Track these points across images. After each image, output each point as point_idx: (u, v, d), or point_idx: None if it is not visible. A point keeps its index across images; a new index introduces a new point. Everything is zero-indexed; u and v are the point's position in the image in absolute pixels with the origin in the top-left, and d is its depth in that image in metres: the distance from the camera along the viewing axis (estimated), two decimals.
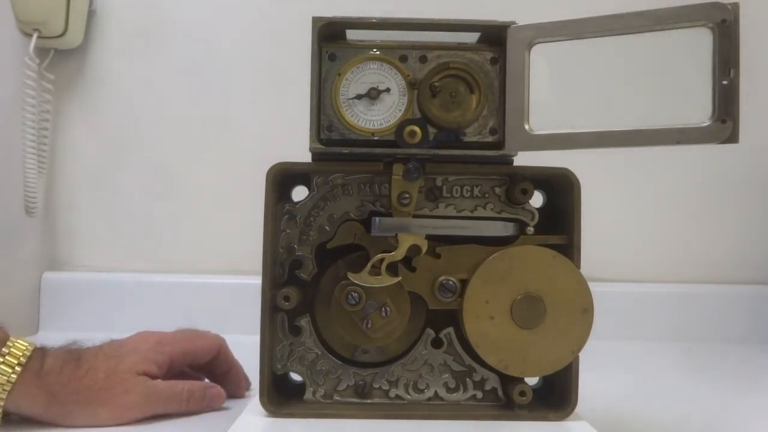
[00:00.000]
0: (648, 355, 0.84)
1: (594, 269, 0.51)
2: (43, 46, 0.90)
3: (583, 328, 0.48)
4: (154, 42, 0.96)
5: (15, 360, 0.47)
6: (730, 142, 0.43)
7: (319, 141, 0.48)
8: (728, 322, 0.92)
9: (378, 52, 0.48)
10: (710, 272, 0.95)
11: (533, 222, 0.50)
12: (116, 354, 0.52)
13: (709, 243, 0.96)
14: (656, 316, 0.92)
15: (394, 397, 0.50)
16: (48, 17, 0.86)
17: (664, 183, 0.96)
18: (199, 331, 0.59)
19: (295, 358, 0.50)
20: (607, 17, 0.44)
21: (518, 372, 0.49)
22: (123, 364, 0.51)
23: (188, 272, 0.94)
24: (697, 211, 0.96)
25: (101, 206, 0.96)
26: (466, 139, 0.48)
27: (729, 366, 0.82)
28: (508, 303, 0.48)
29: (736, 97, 0.42)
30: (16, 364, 0.47)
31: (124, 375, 0.50)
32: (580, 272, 0.49)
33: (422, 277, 0.49)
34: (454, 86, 0.48)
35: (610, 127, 0.44)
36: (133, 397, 0.50)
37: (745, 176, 0.96)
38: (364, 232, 0.49)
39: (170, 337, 0.56)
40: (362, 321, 0.49)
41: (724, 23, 0.42)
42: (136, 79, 0.96)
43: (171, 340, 0.55)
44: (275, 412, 0.48)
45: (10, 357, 0.47)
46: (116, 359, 0.51)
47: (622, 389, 0.67)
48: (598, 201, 0.61)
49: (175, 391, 0.53)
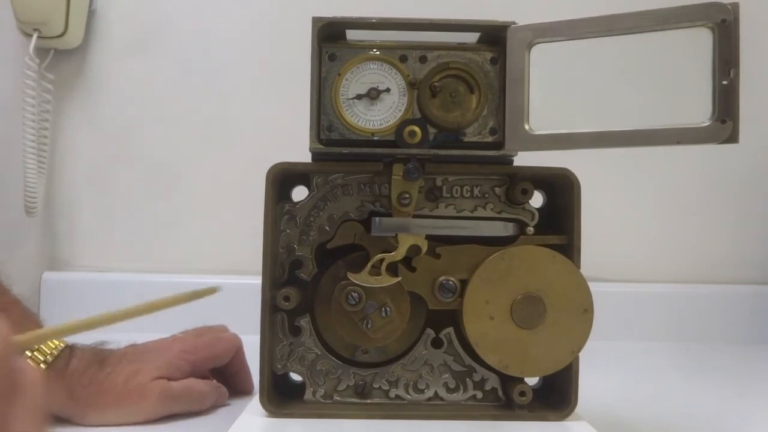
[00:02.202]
0: (648, 355, 0.84)
1: (594, 269, 0.51)
2: (43, 46, 0.90)
3: (583, 328, 0.48)
4: (154, 42, 0.96)
5: (42, 357, 0.49)
6: (730, 142, 0.43)
7: (319, 141, 0.48)
8: (728, 322, 0.92)
9: (378, 52, 0.48)
10: (710, 272, 0.95)
11: (533, 222, 0.50)
12: (139, 359, 0.52)
13: (709, 243, 0.96)
14: (656, 316, 0.92)
15: (394, 397, 0.50)
16: (48, 17, 0.86)
17: (664, 183, 0.95)
18: (218, 333, 0.59)
19: (295, 358, 0.50)
20: (607, 17, 0.44)
21: (518, 372, 0.49)
22: (144, 370, 0.51)
23: (188, 272, 0.94)
24: (697, 211, 0.96)
25: (101, 206, 0.96)
26: (466, 139, 0.48)
27: (729, 366, 0.82)
28: (508, 303, 0.48)
29: (736, 97, 0.42)
30: (42, 362, 0.48)
31: (143, 380, 0.51)
32: (580, 272, 0.49)
33: (422, 277, 0.49)
34: (454, 86, 0.48)
35: (609, 127, 0.44)
36: (149, 401, 0.51)
37: (745, 176, 0.95)
38: (364, 232, 0.49)
39: (193, 344, 0.56)
40: (362, 321, 0.49)
41: (724, 23, 0.42)
42: (136, 79, 0.96)
43: (194, 347, 0.56)
44: (275, 412, 0.48)
45: (38, 353, 0.49)
46: (138, 364, 0.52)
47: (622, 389, 0.67)
48: (598, 201, 0.61)
49: (190, 393, 0.53)
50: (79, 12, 0.91)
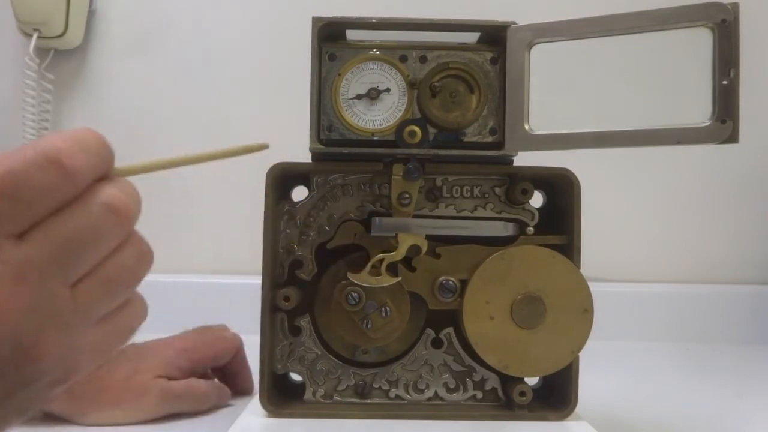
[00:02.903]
0: (648, 355, 0.84)
1: (594, 269, 0.51)
2: (43, 46, 0.90)
3: (583, 328, 0.48)
4: (154, 42, 0.96)
5: None
6: (730, 142, 0.43)
7: (319, 141, 0.48)
8: (728, 322, 0.92)
9: (378, 52, 0.48)
10: (710, 272, 0.95)
11: (533, 222, 0.50)
12: (138, 357, 0.52)
13: (709, 243, 0.96)
14: (656, 316, 0.92)
15: (394, 397, 0.50)
16: (48, 17, 0.86)
17: (664, 183, 0.95)
18: (219, 333, 0.59)
19: (295, 358, 0.50)
20: (607, 17, 0.44)
21: (518, 372, 0.49)
22: (144, 368, 0.51)
23: (188, 272, 0.94)
24: (697, 211, 0.96)
25: None
26: (466, 139, 0.48)
27: (729, 366, 0.82)
28: (508, 303, 0.48)
29: (736, 97, 0.42)
30: None
31: (143, 378, 0.51)
32: (580, 272, 0.49)
33: (422, 277, 0.49)
34: (454, 86, 0.48)
35: (609, 127, 0.44)
36: (149, 400, 0.50)
37: (745, 176, 0.95)
38: (364, 232, 0.49)
39: (193, 343, 0.56)
40: (362, 321, 0.49)
41: (724, 23, 0.42)
42: (136, 79, 0.96)
43: (194, 346, 0.55)
44: (275, 412, 0.48)
45: None
46: (138, 363, 0.52)
47: (622, 389, 0.67)
48: (598, 201, 0.61)
49: (191, 393, 0.53)
50: (79, 12, 0.91)
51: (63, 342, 0.27)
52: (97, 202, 0.27)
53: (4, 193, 0.25)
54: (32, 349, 0.26)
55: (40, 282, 0.26)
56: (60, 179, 0.26)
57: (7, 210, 0.25)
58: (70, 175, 0.26)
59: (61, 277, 0.27)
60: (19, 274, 0.25)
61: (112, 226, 0.28)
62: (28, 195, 0.25)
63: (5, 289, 0.25)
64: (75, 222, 0.27)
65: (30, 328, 0.26)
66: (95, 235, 0.27)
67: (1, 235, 0.25)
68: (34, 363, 0.26)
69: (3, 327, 0.25)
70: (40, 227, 0.26)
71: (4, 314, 0.25)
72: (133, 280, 0.30)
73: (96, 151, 0.28)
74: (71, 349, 0.28)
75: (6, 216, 0.25)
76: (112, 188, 0.28)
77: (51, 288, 0.26)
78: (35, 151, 0.26)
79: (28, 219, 0.26)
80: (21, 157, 0.26)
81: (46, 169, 0.26)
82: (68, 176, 0.26)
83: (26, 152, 0.26)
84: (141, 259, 0.30)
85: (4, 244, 0.25)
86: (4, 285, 0.25)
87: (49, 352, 0.26)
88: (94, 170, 0.27)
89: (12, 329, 0.25)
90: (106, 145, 0.28)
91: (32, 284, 0.26)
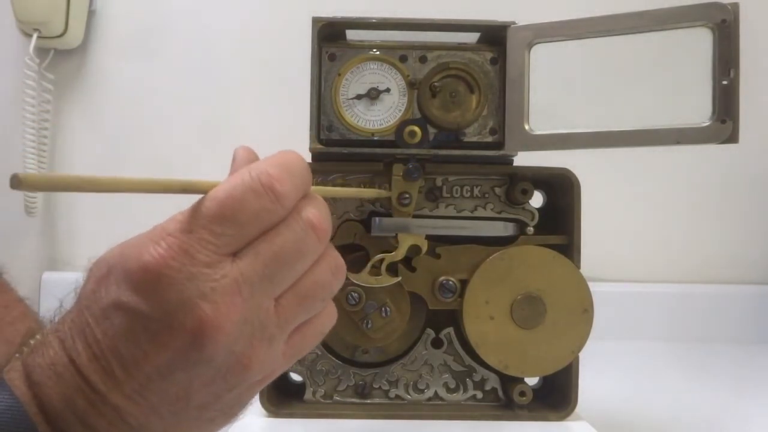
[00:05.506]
0: (648, 355, 0.84)
1: (594, 269, 0.51)
2: (43, 46, 0.90)
3: (583, 328, 0.48)
4: (154, 42, 0.96)
5: None
6: (730, 142, 0.43)
7: (319, 141, 0.48)
8: (728, 322, 0.92)
9: (378, 52, 0.48)
10: (710, 272, 0.95)
11: (533, 222, 0.50)
12: None
13: (708, 243, 0.96)
14: (656, 316, 0.92)
15: (394, 397, 0.50)
16: (48, 17, 0.86)
17: (664, 183, 0.95)
18: None
19: None
20: (607, 17, 0.44)
21: (518, 372, 0.49)
22: None
23: None
24: (697, 211, 0.96)
25: (101, 206, 0.96)
26: (466, 139, 0.48)
27: (729, 366, 0.82)
28: (508, 303, 0.48)
29: (736, 97, 0.42)
30: None
31: None
32: (580, 272, 0.49)
33: (422, 277, 0.49)
34: (454, 86, 0.48)
35: (609, 127, 0.44)
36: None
37: (745, 176, 0.95)
38: (364, 232, 0.49)
39: None
40: (362, 321, 0.49)
41: (724, 23, 0.42)
42: (136, 79, 0.95)
43: None
44: (275, 412, 0.48)
45: None
46: None
47: (622, 389, 0.67)
48: (598, 201, 0.61)
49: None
50: (79, 12, 0.91)
51: (267, 351, 0.30)
52: (300, 221, 0.30)
53: (225, 216, 0.28)
54: (243, 356, 0.29)
55: (251, 296, 0.28)
56: (272, 203, 0.29)
57: (228, 231, 0.28)
58: (281, 200, 0.29)
59: (268, 292, 0.29)
60: (235, 289, 0.28)
61: (312, 243, 0.30)
62: (245, 218, 0.28)
63: (225, 301, 0.28)
64: (282, 240, 0.29)
65: (243, 338, 0.28)
66: (299, 253, 0.30)
67: (222, 253, 0.28)
68: (245, 370, 0.29)
69: (222, 336, 0.27)
70: (252, 245, 0.29)
71: (224, 324, 0.27)
72: (328, 295, 0.32)
73: (300, 173, 0.30)
74: (274, 357, 0.30)
75: (227, 237, 0.28)
76: (311, 207, 0.31)
77: (260, 302, 0.29)
78: (251, 177, 0.29)
79: (244, 239, 0.29)
80: (239, 182, 0.28)
81: (261, 195, 0.29)
82: (279, 200, 0.29)
83: (243, 178, 0.29)
84: (336, 273, 0.32)
85: (224, 261, 0.28)
86: (225, 298, 0.28)
87: (257, 360, 0.29)
88: (299, 192, 0.30)
89: (229, 338, 0.28)
90: (306, 166, 0.31)
91: (245, 298, 0.28)
